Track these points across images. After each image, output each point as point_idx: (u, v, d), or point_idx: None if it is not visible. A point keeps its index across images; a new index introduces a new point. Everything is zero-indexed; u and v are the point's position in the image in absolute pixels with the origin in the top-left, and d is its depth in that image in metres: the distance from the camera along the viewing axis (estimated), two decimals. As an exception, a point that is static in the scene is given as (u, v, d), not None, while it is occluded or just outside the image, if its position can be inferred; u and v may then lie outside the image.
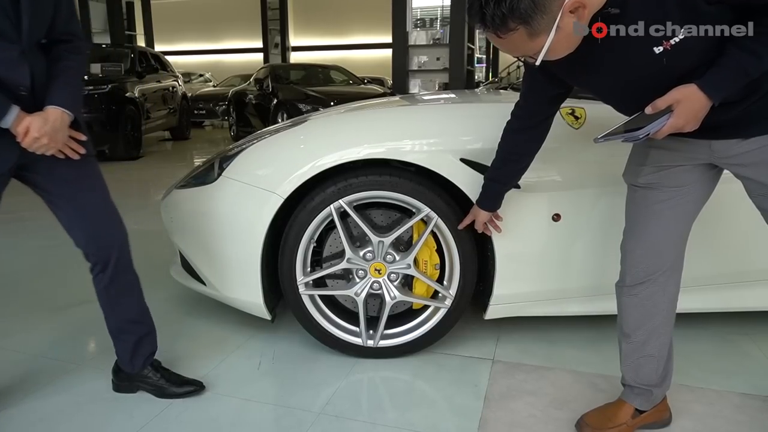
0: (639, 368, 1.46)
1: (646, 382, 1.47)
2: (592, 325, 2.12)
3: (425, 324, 1.90)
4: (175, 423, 1.57)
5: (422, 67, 8.61)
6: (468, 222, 1.74)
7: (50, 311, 2.33)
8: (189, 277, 2.13)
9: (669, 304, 1.42)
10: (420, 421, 1.59)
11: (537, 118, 1.49)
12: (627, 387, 1.51)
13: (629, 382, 1.49)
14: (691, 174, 1.32)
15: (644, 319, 1.42)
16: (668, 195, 1.33)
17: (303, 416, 1.60)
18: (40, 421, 1.58)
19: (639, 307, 1.41)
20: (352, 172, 1.79)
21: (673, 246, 1.37)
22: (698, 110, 1.11)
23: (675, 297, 1.43)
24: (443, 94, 4.08)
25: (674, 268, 1.40)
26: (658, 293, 1.40)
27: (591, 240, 1.84)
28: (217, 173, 1.92)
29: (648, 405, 1.50)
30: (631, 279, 1.41)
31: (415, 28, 8.84)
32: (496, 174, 1.63)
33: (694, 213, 1.37)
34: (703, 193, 1.36)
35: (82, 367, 1.87)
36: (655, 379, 1.46)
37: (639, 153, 1.39)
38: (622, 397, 1.52)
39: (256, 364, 1.90)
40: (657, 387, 1.48)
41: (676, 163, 1.31)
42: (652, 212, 1.35)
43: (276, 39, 18.27)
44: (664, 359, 1.46)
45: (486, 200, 1.68)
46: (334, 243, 1.92)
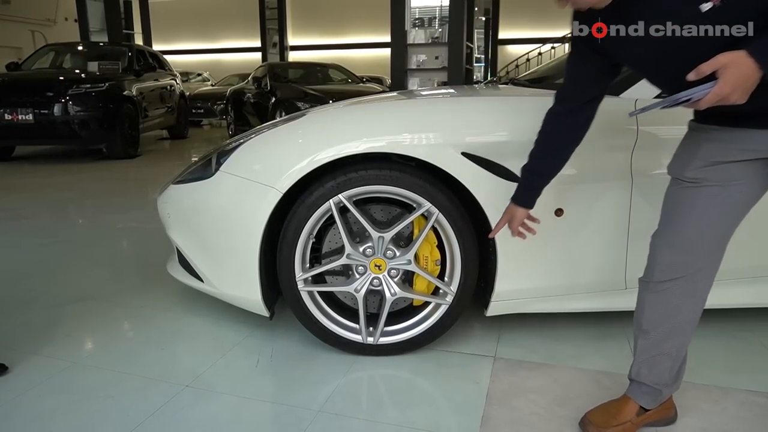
0: (653, 366, 1.41)
1: (657, 380, 1.42)
2: (595, 321, 2.10)
3: (426, 321, 1.88)
4: (172, 421, 1.54)
5: (421, 66, 8.60)
6: (502, 226, 1.61)
7: (46, 309, 2.30)
8: (186, 273, 2.11)
9: (696, 304, 1.36)
10: (421, 419, 1.56)
11: (582, 99, 1.41)
12: (634, 383, 1.46)
13: (639, 379, 1.44)
14: (744, 170, 1.23)
15: (667, 316, 1.36)
16: (716, 192, 1.25)
17: (302, 414, 1.58)
18: (35, 419, 1.55)
19: (663, 305, 1.35)
20: (352, 167, 1.77)
21: (712, 245, 1.30)
22: (746, 78, 1.02)
23: (704, 297, 1.36)
24: (442, 89, 4.06)
25: (710, 268, 1.33)
26: (687, 292, 1.33)
27: (593, 235, 1.82)
28: (215, 168, 1.90)
29: (654, 404, 1.45)
30: (660, 275, 1.34)
31: (413, 27, 8.83)
32: (537, 165, 1.52)
33: (742, 213, 1.29)
34: (755, 193, 1.27)
35: (78, 365, 1.84)
36: (668, 379, 1.42)
37: (689, 145, 1.31)
38: (628, 394, 1.48)
39: (254, 362, 1.88)
40: (667, 386, 1.43)
41: (728, 158, 1.23)
42: (696, 208, 1.28)
43: (274, 38, 18.23)
44: (681, 360, 1.41)
45: (524, 195, 1.56)
46: (333, 239, 1.89)
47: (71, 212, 4.28)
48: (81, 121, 6.30)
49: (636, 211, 1.78)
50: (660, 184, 1.79)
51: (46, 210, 4.25)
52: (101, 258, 3.01)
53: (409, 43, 8.53)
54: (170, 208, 2.10)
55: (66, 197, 4.71)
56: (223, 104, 10.62)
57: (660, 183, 1.79)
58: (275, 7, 18.12)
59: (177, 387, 1.71)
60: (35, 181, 5.56)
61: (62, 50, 8.07)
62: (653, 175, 1.78)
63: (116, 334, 2.10)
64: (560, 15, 5.33)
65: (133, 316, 2.25)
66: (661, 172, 1.79)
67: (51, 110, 6.18)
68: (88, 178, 5.65)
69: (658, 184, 1.79)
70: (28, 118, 6.16)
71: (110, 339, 2.05)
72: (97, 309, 2.30)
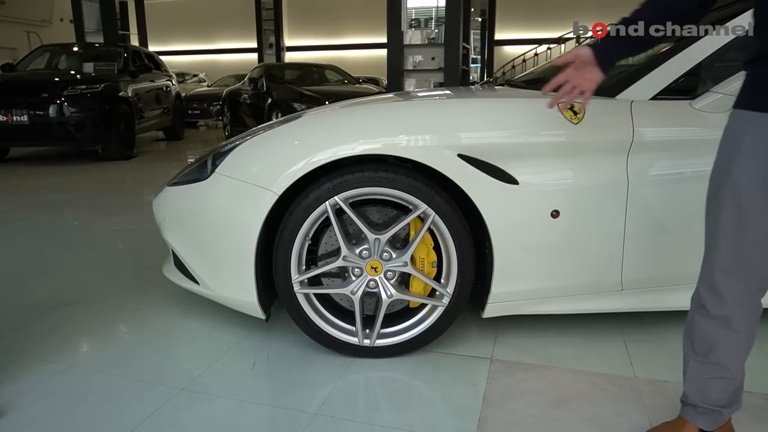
0: (707, 388, 1.32)
1: (713, 402, 1.32)
2: (591, 323, 2.10)
3: (422, 323, 1.87)
4: (168, 425, 1.54)
5: (417, 67, 8.61)
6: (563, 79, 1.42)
7: (41, 311, 2.29)
8: (182, 276, 2.10)
9: (756, 324, 1.28)
10: (417, 421, 1.56)
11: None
12: (689, 405, 1.37)
13: (693, 402, 1.35)
14: None
15: (725, 341, 1.27)
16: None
17: (298, 417, 1.57)
18: (29, 423, 1.54)
19: (721, 330, 1.26)
20: (348, 169, 1.76)
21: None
22: None
23: (760, 314, 1.28)
24: (438, 90, 4.06)
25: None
26: (750, 317, 1.25)
27: (590, 237, 1.82)
28: (210, 170, 1.89)
29: (714, 425, 1.34)
30: (718, 302, 1.24)
31: (410, 27, 8.84)
32: (644, 14, 1.33)
33: None
34: None
35: (74, 368, 1.83)
36: (724, 400, 1.32)
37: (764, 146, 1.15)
38: (684, 416, 1.38)
39: (250, 365, 1.87)
40: (727, 408, 1.33)
41: None
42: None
43: (270, 39, 18.21)
44: (738, 381, 1.32)
45: (609, 45, 1.38)
46: (329, 241, 1.89)
47: (67, 214, 4.27)
48: (76, 122, 6.27)
49: (632, 212, 1.78)
50: (656, 185, 1.81)
51: (42, 212, 4.24)
52: (97, 260, 3.00)
53: (406, 44, 8.53)
54: (165, 210, 2.09)
55: (61, 199, 4.69)
56: (219, 105, 10.60)
57: (656, 184, 1.80)
58: (271, 8, 18.10)
59: (173, 390, 1.70)
60: (30, 182, 5.53)
61: (58, 51, 8.04)
62: (649, 176, 1.79)
63: (112, 336, 2.09)
64: (556, 16, 5.39)
65: (129, 319, 2.24)
66: (657, 173, 1.80)
67: (46, 111, 6.15)
68: (83, 180, 5.63)
69: (654, 185, 1.80)
70: (23, 120, 6.12)
71: (106, 342, 2.04)
72: (93, 311, 2.29)
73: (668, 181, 1.80)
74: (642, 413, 1.59)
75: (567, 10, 16.10)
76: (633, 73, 1.88)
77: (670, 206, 1.82)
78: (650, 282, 1.89)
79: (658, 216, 1.82)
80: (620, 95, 1.83)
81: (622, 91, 1.84)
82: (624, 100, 1.81)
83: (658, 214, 1.82)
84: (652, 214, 1.82)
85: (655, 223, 1.82)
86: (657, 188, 1.81)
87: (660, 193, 1.81)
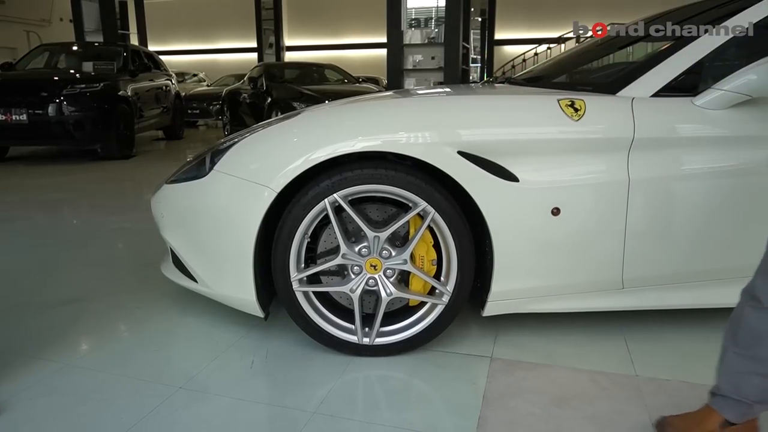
0: (742, 382, 1.29)
1: (745, 395, 1.30)
2: (592, 321, 2.09)
3: (422, 321, 1.86)
4: (165, 424, 1.53)
5: (417, 67, 8.61)
6: None
7: (40, 310, 2.28)
8: (180, 274, 2.09)
9: None
10: (417, 420, 1.55)
11: None
12: (718, 396, 1.34)
13: (724, 393, 1.32)
14: None
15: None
16: None
17: (297, 416, 1.56)
18: (28, 421, 1.53)
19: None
20: (347, 166, 1.76)
21: None
22: None
23: None
24: (438, 88, 4.05)
25: None
26: None
27: (591, 234, 1.81)
28: (209, 167, 1.88)
29: (742, 418, 1.31)
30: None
31: (410, 27, 8.83)
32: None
33: None
34: None
35: (72, 367, 1.82)
36: (758, 396, 1.29)
37: None
38: (712, 405, 1.35)
39: (249, 363, 1.86)
40: (758, 404, 1.30)
41: None
42: None
43: (270, 39, 18.21)
44: None
45: None
46: (328, 238, 1.88)
47: (66, 213, 4.26)
48: (76, 121, 6.26)
49: (633, 209, 1.77)
50: (657, 182, 1.79)
51: (41, 210, 4.23)
52: (96, 259, 2.99)
53: (406, 43, 8.54)
54: (164, 208, 2.08)
55: (60, 198, 4.68)
56: (218, 105, 10.60)
57: (657, 181, 1.79)
58: (271, 8, 18.10)
59: (171, 389, 1.69)
60: (29, 181, 5.52)
61: (57, 50, 8.04)
62: (650, 173, 1.78)
63: (110, 335, 2.08)
64: (556, 16, 5.40)
65: (127, 318, 2.23)
66: (659, 170, 1.79)
67: (45, 110, 6.14)
68: (82, 179, 5.62)
69: (654, 182, 1.79)
70: (22, 119, 6.12)
71: (104, 340, 2.03)
72: (91, 310, 2.28)
73: (669, 178, 1.79)
74: (643, 412, 1.58)
75: (567, 10, 16.11)
76: (634, 70, 1.88)
77: (671, 203, 1.81)
78: (651, 280, 1.88)
79: (660, 213, 1.81)
80: (621, 92, 1.83)
81: (623, 88, 1.83)
82: (625, 97, 1.80)
83: (659, 212, 1.81)
84: (654, 211, 1.81)
85: (656, 220, 1.81)
86: (658, 185, 1.80)
87: (661, 190, 1.80)
